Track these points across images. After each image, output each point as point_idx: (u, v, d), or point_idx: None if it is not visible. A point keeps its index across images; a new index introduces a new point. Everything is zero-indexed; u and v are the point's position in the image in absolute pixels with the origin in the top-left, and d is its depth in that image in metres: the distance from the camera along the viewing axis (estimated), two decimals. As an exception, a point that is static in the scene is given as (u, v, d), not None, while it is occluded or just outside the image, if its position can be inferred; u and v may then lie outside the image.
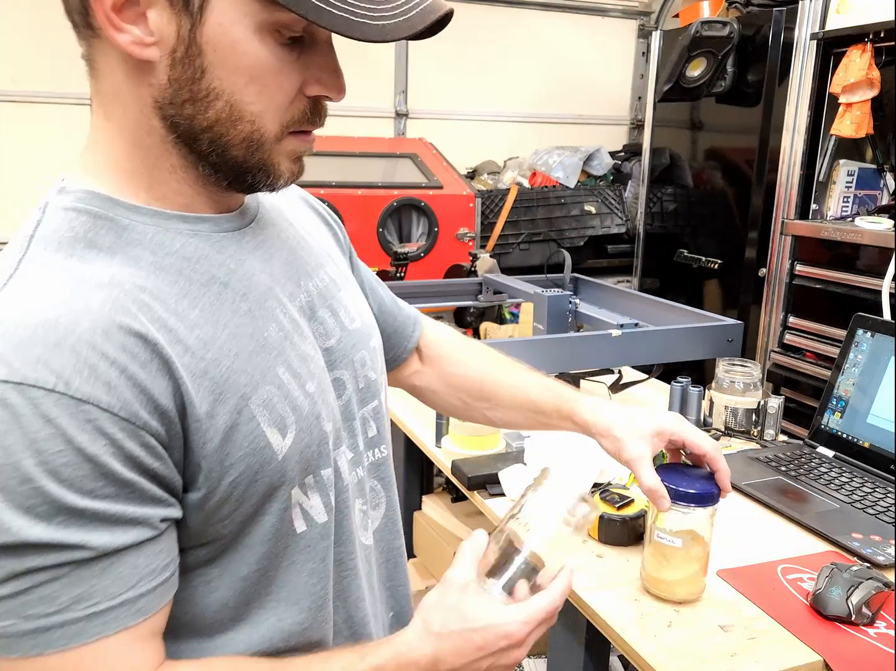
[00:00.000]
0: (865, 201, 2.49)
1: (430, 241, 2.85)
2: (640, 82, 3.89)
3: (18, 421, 0.50)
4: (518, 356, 1.50)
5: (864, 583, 0.96)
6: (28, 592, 0.52)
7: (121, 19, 0.56)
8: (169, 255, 0.61)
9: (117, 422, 0.53)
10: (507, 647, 0.65)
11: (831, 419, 1.45)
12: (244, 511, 0.62)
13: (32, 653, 0.52)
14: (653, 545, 0.99)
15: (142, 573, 0.56)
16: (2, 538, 0.51)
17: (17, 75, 2.93)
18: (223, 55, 0.57)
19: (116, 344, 0.54)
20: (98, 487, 0.53)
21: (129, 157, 0.62)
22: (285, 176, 0.64)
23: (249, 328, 0.63)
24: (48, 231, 0.60)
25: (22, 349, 0.52)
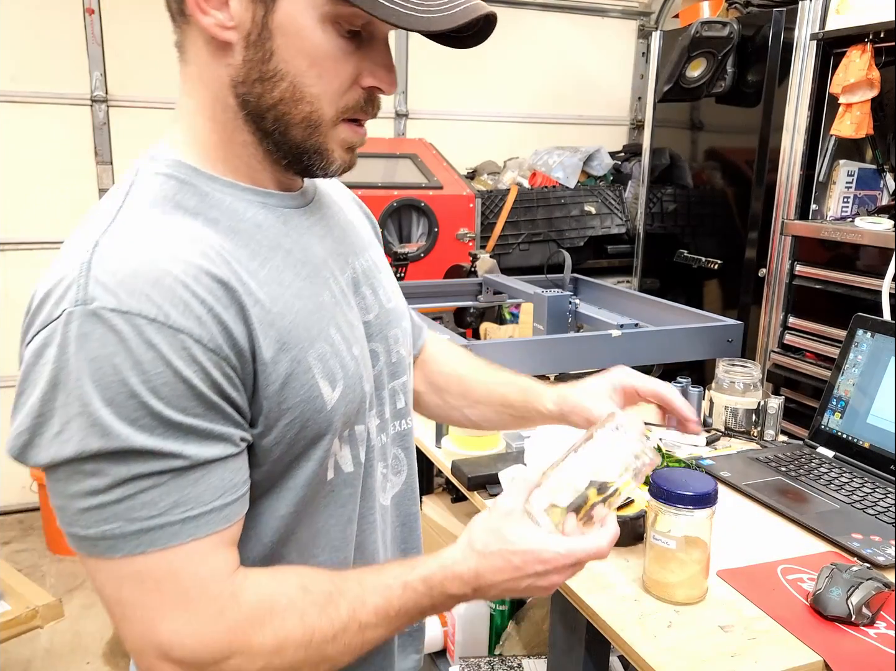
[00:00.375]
0: (865, 201, 2.49)
1: (430, 242, 2.85)
2: (640, 82, 3.89)
3: (126, 344, 0.58)
4: (518, 356, 1.50)
5: (864, 583, 0.96)
6: (133, 498, 0.59)
7: (208, 6, 0.65)
8: (242, 220, 0.69)
9: (206, 352, 0.61)
10: (543, 572, 0.70)
11: (831, 419, 1.45)
12: (292, 453, 0.69)
13: (136, 551, 0.60)
14: (651, 547, 0.99)
15: (227, 485, 0.63)
16: (112, 444, 0.58)
17: (17, 75, 2.93)
18: (289, 40, 0.65)
19: (204, 287, 0.62)
20: (190, 406, 0.60)
21: (208, 131, 0.71)
22: (337, 163, 0.72)
23: (308, 291, 0.71)
24: (141, 190, 0.68)
25: (128, 284, 0.59)
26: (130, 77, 3.06)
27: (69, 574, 2.79)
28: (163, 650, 0.62)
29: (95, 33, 2.99)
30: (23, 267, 3.04)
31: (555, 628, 1.17)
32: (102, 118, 3.06)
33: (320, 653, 0.66)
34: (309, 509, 0.73)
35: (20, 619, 1.89)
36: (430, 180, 2.91)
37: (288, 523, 0.72)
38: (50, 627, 1.98)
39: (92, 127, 3.06)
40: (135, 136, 3.10)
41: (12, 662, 2.30)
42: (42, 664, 2.32)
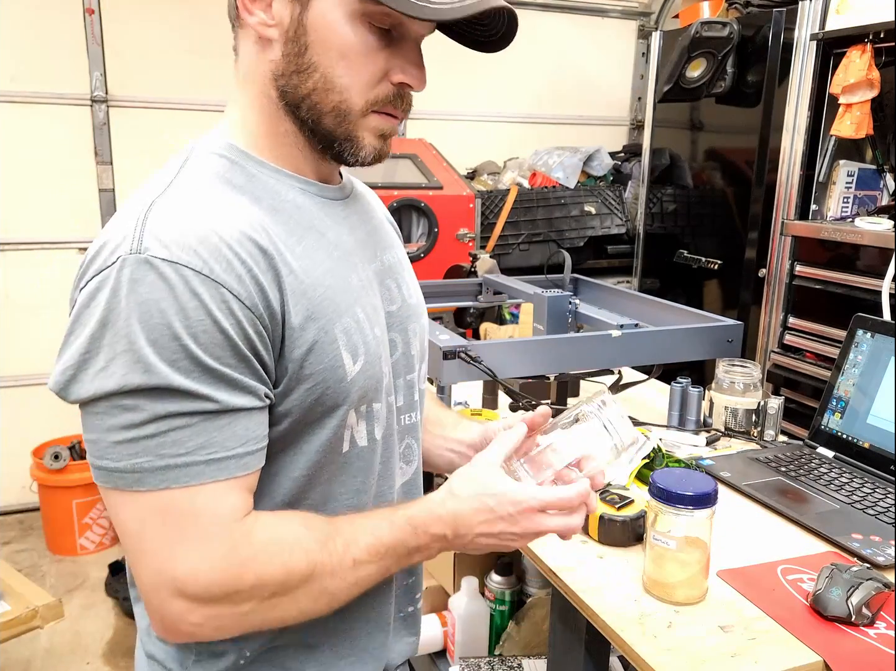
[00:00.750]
0: (865, 202, 2.49)
1: (430, 242, 2.85)
2: (640, 83, 3.90)
3: (173, 291, 0.64)
4: (518, 356, 1.50)
5: (864, 583, 0.96)
6: (164, 435, 0.64)
7: (253, 7, 0.73)
8: (284, 201, 0.76)
9: (242, 307, 0.66)
10: (515, 514, 0.75)
11: (831, 419, 1.45)
12: (310, 418, 0.74)
13: (161, 486, 0.65)
14: (651, 547, 0.99)
15: (250, 435, 0.68)
16: (152, 380, 0.63)
17: (17, 75, 2.93)
18: (321, 34, 0.72)
19: (246, 250, 0.68)
20: (225, 355, 0.66)
21: (256, 122, 0.77)
22: (367, 149, 0.77)
23: (338, 271, 0.77)
24: (195, 165, 0.75)
25: (178, 238, 0.65)
26: (130, 77, 3.06)
27: (69, 574, 2.79)
28: (177, 585, 0.66)
29: (95, 33, 2.99)
30: (23, 267, 3.04)
31: (555, 628, 1.17)
32: (102, 118, 3.06)
33: (321, 586, 0.71)
34: (323, 475, 0.78)
35: (20, 619, 1.89)
36: (430, 180, 2.92)
37: (301, 485, 0.76)
38: (50, 627, 1.98)
39: (92, 127, 3.06)
40: (135, 136, 3.11)
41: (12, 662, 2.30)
42: (42, 664, 2.32)
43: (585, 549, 1.11)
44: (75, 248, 3.09)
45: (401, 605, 0.94)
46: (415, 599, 0.96)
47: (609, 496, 1.16)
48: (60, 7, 2.94)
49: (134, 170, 3.13)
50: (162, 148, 3.10)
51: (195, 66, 3.06)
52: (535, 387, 1.67)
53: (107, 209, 3.12)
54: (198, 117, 3.10)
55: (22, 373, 3.06)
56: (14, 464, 3.11)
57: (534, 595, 1.69)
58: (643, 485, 1.26)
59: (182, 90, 3.09)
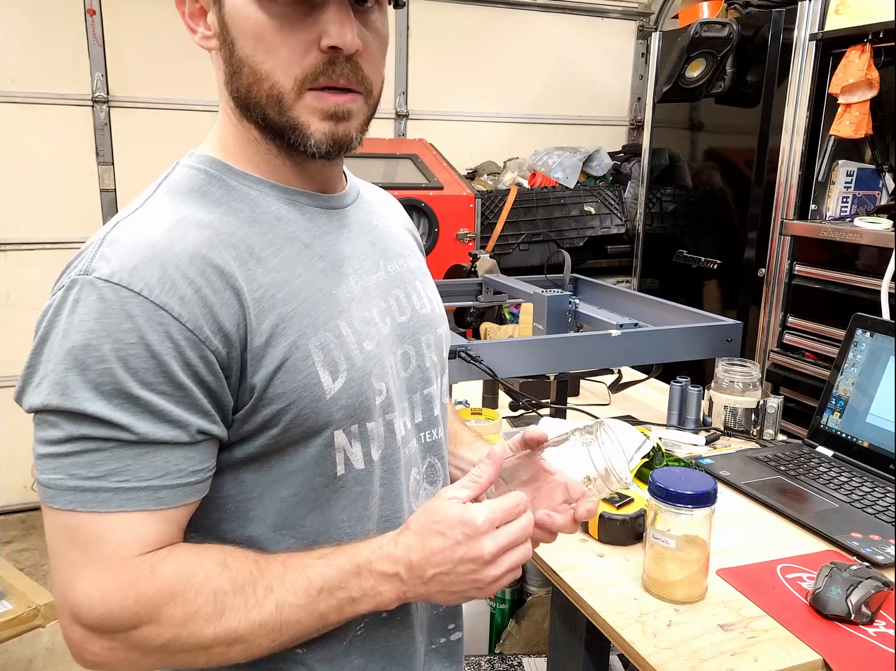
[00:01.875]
0: (864, 201, 2.50)
1: (430, 242, 2.85)
2: (640, 83, 3.90)
3: (108, 312, 0.62)
4: (518, 356, 1.51)
5: (863, 582, 0.96)
6: (77, 455, 0.63)
7: (194, 24, 0.73)
8: (265, 213, 0.73)
9: (183, 331, 0.64)
10: (471, 536, 0.67)
11: (830, 419, 1.45)
12: (288, 438, 0.70)
13: (68, 506, 0.63)
14: (650, 546, 0.99)
15: (170, 469, 0.65)
16: (68, 404, 0.62)
17: (17, 76, 2.93)
18: (238, 25, 0.69)
19: (197, 270, 0.65)
20: (156, 382, 0.63)
21: (230, 133, 0.75)
22: (317, 135, 0.71)
23: (320, 283, 0.73)
24: (173, 181, 0.73)
25: (124, 259, 0.64)
26: (132, 78, 3.06)
27: (70, 574, 2.79)
28: (74, 611, 0.64)
29: (97, 34, 2.99)
30: (24, 267, 3.04)
31: (555, 627, 1.17)
32: (104, 119, 3.06)
33: (231, 630, 0.66)
34: (319, 500, 0.74)
35: (22, 619, 1.90)
36: (430, 180, 2.92)
37: (291, 509, 0.73)
38: (52, 626, 1.98)
39: (93, 127, 3.07)
40: (136, 136, 3.11)
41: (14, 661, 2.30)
42: (43, 663, 2.32)
43: (585, 548, 1.12)
44: (76, 248, 3.07)
45: (433, 637, 0.88)
46: (448, 630, 0.89)
47: (609, 495, 1.16)
48: (61, 8, 2.94)
49: (135, 170, 3.13)
50: (163, 148, 3.10)
51: (196, 66, 3.05)
52: (535, 387, 1.68)
53: (108, 209, 3.13)
54: (198, 118, 3.10)
55: (23, 373, 3.06)
56: (15, 464, 3.11)
57: (534, 594, 1.70)
58: (643, 484, 1.27)
59: (183, 91, 3.09)
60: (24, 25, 2.90)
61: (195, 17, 0.72)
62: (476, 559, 0.68)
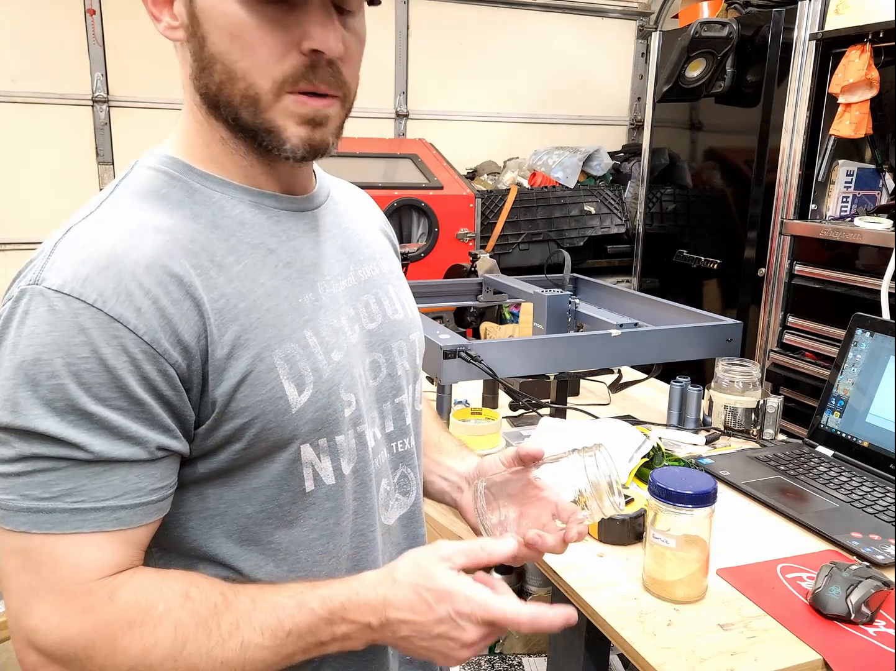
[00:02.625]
0: (864, 201, 2.50)
1: (430, 242, 2.85)
2: (640, 83, 3.90)
3: (59, 325, 0.59)
4: (518, 355, 1.51)
5: (863, 581, 0.96)
6: (30, 475, 0.59)
7: (158, 12, 0.67)
8: (227, 217, 0.69)
9: (140, 343, 0.60)
10: (455, 617, 0.65)
11: (830, 418, 1.45)
12: (254, 453, 0.67)
13: (21, 528, 0.60)
14: (650, 546, 0.99)
15: (128, 488, 0.62)
16: (18, 422, 0.59)
17: (17, 76, 2.93)
18: (210, 20, 0.65)
19: (154, 279, 0.62)
20: (112, 398, 0.60)
21: (194, 131, 0.72)
22: (293, 140, 0.67)
23: (285, 292, 0.70)
24: (131, 183, 0.70)
25: (77, 268, 0.60)
26: (131, 77, 3.07)
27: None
28: (29, 636, 0.61)
29: (97, 34, 2.99)
30: (23, 267, 3.04)
31: (555, 627, 1.17)
32: (104, 118, 3.06)
33: (190, 665, 0.62)
34: (286, 517, 0.71)
35: (22, 619, 1.89)
36: (430, 180, 2.92)
37: (257, 525, 0.70)
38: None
39: (93, 127, 3.07)
40: (136, 136, 3.11)
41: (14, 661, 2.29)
42: (43, 663, 2.32)
43: (585, 548, 1.12)
44: (76, 248, 3.10)
45: None
46: None
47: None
48: (61, 8, 2.94)
49: (134, 170, 3.13)
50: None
51: (195, 66, 3.06)
52: (535, 387, 1.68)
53: (107, 209, 3.13)
54: (198, 117, 3.10)
55: (23, 373, 3.06)
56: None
57: (534, 593, 1.70)
58: (643, 484, 1.27)
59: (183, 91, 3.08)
60: (24, 25, 2.90)
61: (159, 5, 0.67)
62: (455, 640, 0.66)
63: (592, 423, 1.45)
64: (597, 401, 1.75)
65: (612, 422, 1.42)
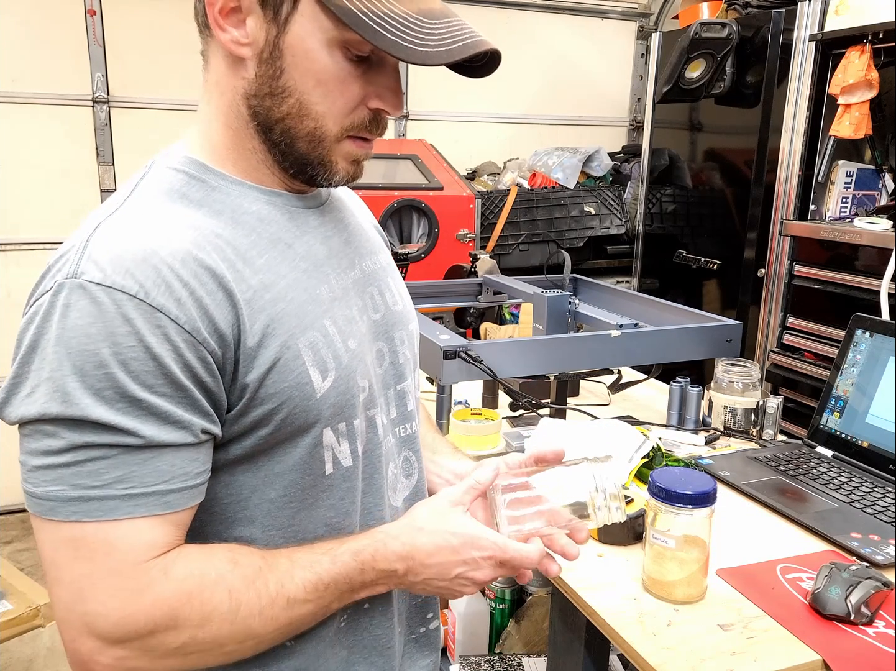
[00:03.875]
0: (864, 202, 2.50)
1: (430, 242, 2.85)
2: (640, 83, 3.90)
3: (104, 316, 0.61)
4: (518, 356, 1.51)
5: (863, 582, 0.96)
6: (80, 464, 0.61)
7: (226, 22, 0.70)
8: (246, 213, 0.73)
9: (181, 332, 0.63)
10: (477, 560, 0.73)
11: (830, 419, 1.45)
12: (279, 437, 0.71)
13: (72, 517, 0.62)
14: (650, 546, 1.00)
15: (176, 472, 0.64)
16: (70, 411, 0.61)
17: (17, 76, 2.93)
18: (298, 60, 0.69)
19: (190, 271, 0.65)
20: (158, 384, 0.63)
21: (221, 134, 0.75)
22: (340, 174, 0.75)
23: (304, 283, 0.74)
24: (151, 182, 0.73)
25: (116, 261, 0.63)
26: (132, 78, 3.07)
27: (70, 574, 2.79)
28: (87, 621, 0.63)
29: (97, 34, 2.99)
30: (24, 267, 3.04)
31: (554, 627, 1.17)
32: (104, 119, 3.06)
33: (246, 627, 0.67)
34: (307, 500, 0.75)
35: (22, 618, 1.90)
36: (430, 181, 2.92)
37: (281, 509, 0.73)
38: (52, 626, 1.98)
39: (93, 127, 3.07)
40: (136, 136, 3.11)
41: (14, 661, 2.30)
42: (44, 663, 2.32)
43: (585, 548, 1.11)
44: (76, 248, 3.10)
45: (412, 627, 0.91)
46: (426, 619, 0.93)
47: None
48: (62, 8, 2.94)
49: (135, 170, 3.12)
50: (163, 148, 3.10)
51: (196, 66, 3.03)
52: (535, 387, 1.68)
53: (107, 210, 3.13)
54: (198, 118, 3.10)
55: (23, 373, 3.06)
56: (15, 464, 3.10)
57: (534, 593, 1.70)
58: (643, 485, 1.27)
59: (183, 91, 3.08)
60: (24, 26, 2.90)
61: (230, 18, 0.69)
62: (470, 579, 0.74)
63: (592, 424, 1.45)
64: (597, 402, 1.75)
65: (612, 422, 1.42)
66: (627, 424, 1.40)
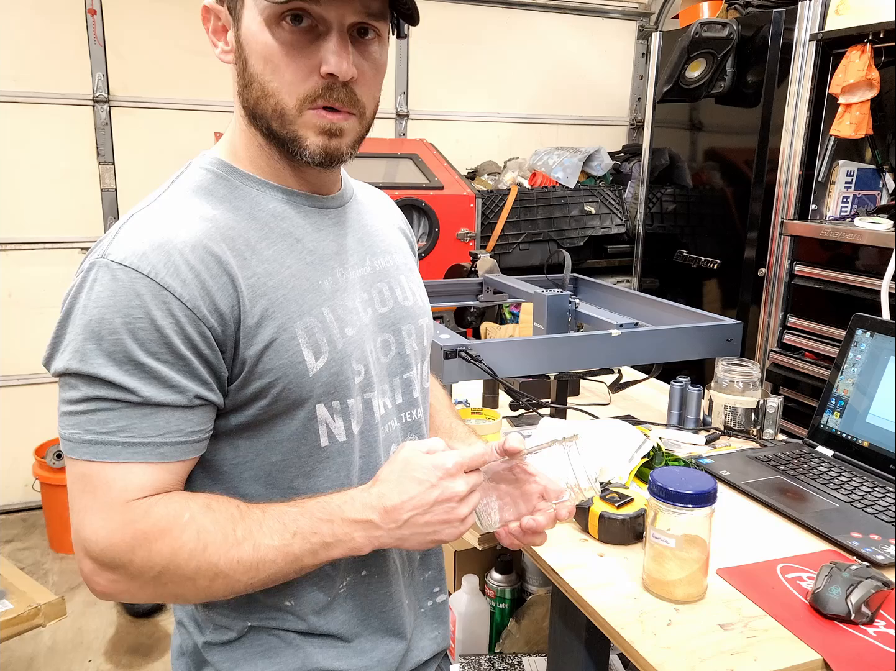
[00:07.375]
0: (864, 201, 2.50)
1: (430, 242, 2.85)
2: (640, 83, 3.90)
3: (119, 291, 0.72)
4: (518, 355, 1.51)
5: (863, 582, 0.96)
6: (92, 413, 0.73)
7: (216, 38, 0.83)
8: (262, 210, 0.83)
9: (183, 309, 0.73)
10: (445, 477, 0.76)
11: (830, 418, 1.45)
12: (276, 409, 0.80)
13: (84, 457, 0.73)
14: (650, 545, 1.00)
15: (171, 428, 0.74)
16: (86, 368, 0.72)
17: (19, 76, 2.93)
18: (250, 46, 0.78)
19: (197, 257, 0.75)
20: (160, 352, 0.73)
21: (239, 137, 0.85)
22: (312, 147, 0.80)
23: (308, 274, 0.83)
24: (185, 180, 0.84)
25: (136, 245, 0.74)
26: (132, 78, 3.07)
27: (71, 572, 2.79)
28: (84, 545, 0.74)
29: (97, 34, 2.99)
30: (25, 266, 3.04)
31: (555, 626, 1.17)
32: (104, 118, 3.06)
33: (212, 564, 0.74)
34: (304, 468, 0.83)
35: (23, 617, 1.90)
36: (430, 180, 2.92)
37: (282, 472, 0.83)
38: (52, 625, 1.98)
39: (94, 127, 3.07)
40: (137, 136, 3.11)
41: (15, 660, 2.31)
42: (45, 661, 2.33)
43: (585, 548, 1.12)
44: (77, 247, 3.10)
45: (421, 601, 0.98)
46: (433, 593, 1.00)
47: (609, 495, 1.16)
48: (62, 8, 2.94)
49: (136, 170, 3.13)
50: (163, 148, 3.10)
51: (197, 66, 3.06)
52: (536, 387, 1.68)
53: (109, 209, 3.13)
54: (199, 117, 3.10)
55: (24, 372, 3.06)
56: (16, 463, 3.12)
57: (534, 593, 1.70)
58: (643, 484, 1.27)
59: (184, 90, 3.09)
60: (25, 26, 2.90)
61: (218, 34, 0.82)
62: (451, 498, 0.77)
63: (592, 423, 1.45)
64: (597, 401, 1.75)
65: (612, 422, 1.42)
66: (628, 424, 1.40)
